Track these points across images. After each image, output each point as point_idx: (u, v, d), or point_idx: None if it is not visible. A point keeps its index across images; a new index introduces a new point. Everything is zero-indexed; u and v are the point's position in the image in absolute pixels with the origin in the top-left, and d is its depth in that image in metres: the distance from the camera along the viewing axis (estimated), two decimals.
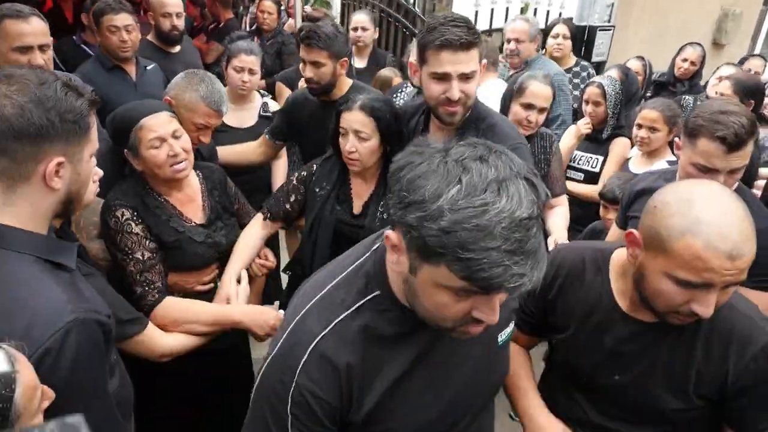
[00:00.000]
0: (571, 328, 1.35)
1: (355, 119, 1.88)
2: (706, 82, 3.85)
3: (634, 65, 3.82)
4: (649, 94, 4.13)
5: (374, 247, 1.06)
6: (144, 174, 1.77)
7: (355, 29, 3.90)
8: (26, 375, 0.85)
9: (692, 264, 1.05)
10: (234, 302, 1.83)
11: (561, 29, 3.86)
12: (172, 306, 1.71)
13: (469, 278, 0.79)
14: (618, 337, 1.28)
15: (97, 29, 2.92)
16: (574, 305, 1.34)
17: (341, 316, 1.00)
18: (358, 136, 1.88)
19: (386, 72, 3.57)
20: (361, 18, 3.95)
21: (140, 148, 1.70)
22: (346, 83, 2.45)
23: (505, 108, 2.53)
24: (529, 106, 2.45)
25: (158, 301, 1.69)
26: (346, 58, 2.37)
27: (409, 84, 3.17)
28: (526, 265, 0.78)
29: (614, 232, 2.10)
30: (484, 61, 1.79)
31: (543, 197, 0.81)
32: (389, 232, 0.91)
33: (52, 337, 0.96)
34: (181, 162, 1.73)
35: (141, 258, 1.69)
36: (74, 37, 3.65)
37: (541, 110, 2.47)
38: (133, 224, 1.70)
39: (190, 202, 1.86)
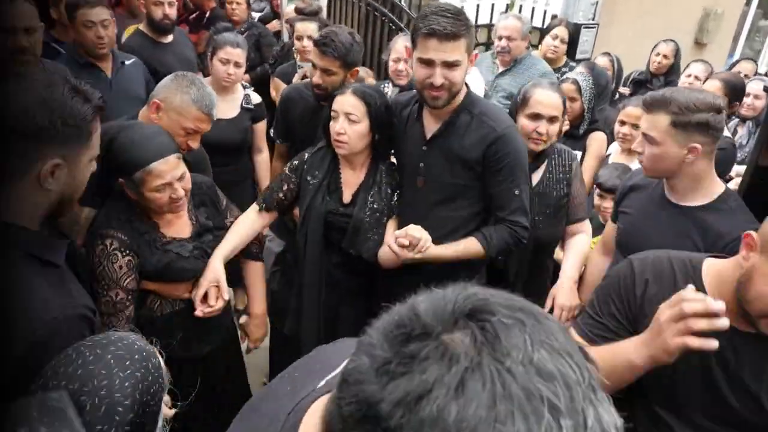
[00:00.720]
0: None
1: (346, 101, 1.94)
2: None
3: (602, 62, 3.89)
4: (628, 92, 4.20)
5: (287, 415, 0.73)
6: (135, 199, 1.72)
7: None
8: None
9: None
10: (224, 285, 1.85)
11: (561, 32, 3.89)
12: None
13: None
14: (723, 350, 1.20)
15: (71, 24, 2.75)
16: None
17: None
18: (348, 118, 1.93)
19: (359, 72, 3.52)
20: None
21: (142, 188, 1.64)
22: None
23: None
24: (536, 117, 2.15)
25: None
26: (357, 68, 2.36)
27: (389, 83, 3.16)
28: None
29: (609, 225, 2.15)
30: (475, 52, 1.86)
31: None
32: None
33: (38, 332, 0.98)
34: (181, 200, 1.71)
35: (113, 298, 1.65)
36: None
37: (552, 119, 2.17)
38: (120, 255, 1.66)
39: (178, 218, 1.83)
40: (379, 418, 0.46)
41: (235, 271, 2.08)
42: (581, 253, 2.24)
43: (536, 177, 2.21)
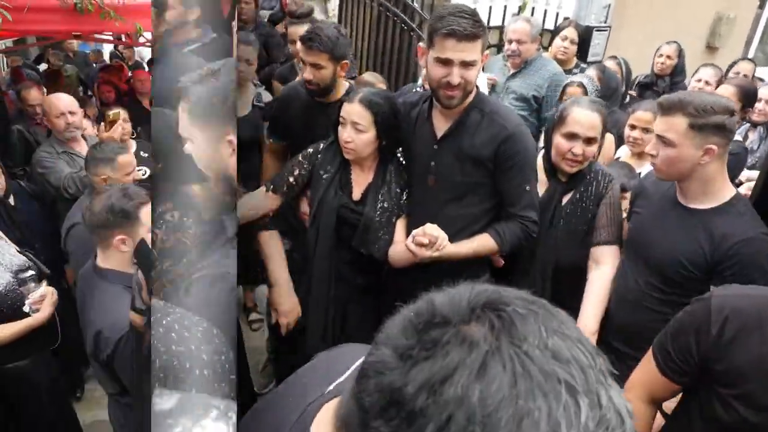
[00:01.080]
0: (748, 382, 1.23)
1: (353, 111, 1.95)
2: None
3: (610, 65, 3.86)
4: (633, 94, 4.19)
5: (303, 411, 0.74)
6: None
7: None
8: None
9: None
10: None
11: (570, 33, 3.88)
12: None
13: None
14: None
15: None
16: (753, 359, 1.22)
17: None
18: (355, 127, 1.95)
19: (367, 77, 3.49)
20: None
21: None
22: (343, 86, 2.46)
23: (548, 140, 2.17)
24: (572, 136, 2.03)
25: None
26: (346, 61, 2.38)
27: (419, 87, 3.15)
28: None
29: (625, 225, 2.15)
30: (486, 52, 1.89)
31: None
32: None
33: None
34: None
35: None
36: None
37: (589, 141, 2.03)
38: None
39: None
40: (404, 402, 0.48)
41: (241, 269, 2.09)
42: (602, 295, 2.05)
43: (565, 198, 2.11)
